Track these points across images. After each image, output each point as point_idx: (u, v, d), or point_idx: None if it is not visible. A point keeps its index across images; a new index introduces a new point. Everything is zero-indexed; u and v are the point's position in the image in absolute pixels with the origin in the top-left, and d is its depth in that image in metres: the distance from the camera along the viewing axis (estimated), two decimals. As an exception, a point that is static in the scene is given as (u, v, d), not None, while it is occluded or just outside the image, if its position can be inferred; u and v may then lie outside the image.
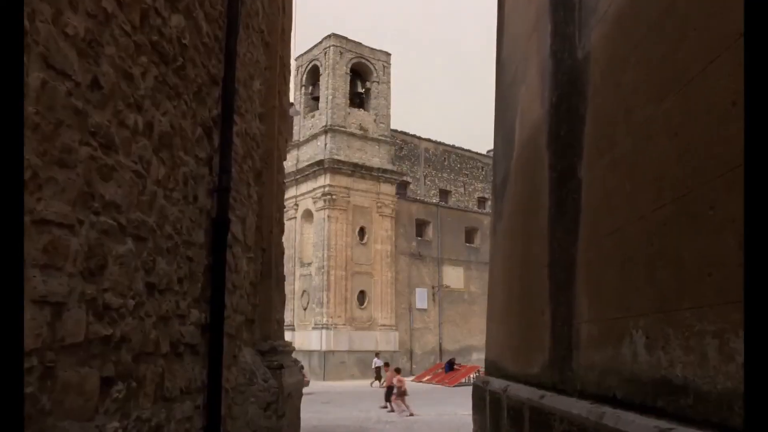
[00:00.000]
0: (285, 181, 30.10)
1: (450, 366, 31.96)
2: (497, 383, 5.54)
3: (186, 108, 3.70)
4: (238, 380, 4.73)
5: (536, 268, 4.68)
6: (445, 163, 52.24)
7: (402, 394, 18.46)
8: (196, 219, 3.90)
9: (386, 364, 22.73)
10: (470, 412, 17.72)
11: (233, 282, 4.73)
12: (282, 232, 6.45)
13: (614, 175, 3.19)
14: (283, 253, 6.39)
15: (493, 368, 6.20)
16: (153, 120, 3.13)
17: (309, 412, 18.48)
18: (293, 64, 42.02)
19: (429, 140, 51.19)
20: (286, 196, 33.91)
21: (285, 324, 25.67)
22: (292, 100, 41.54)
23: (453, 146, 53.34)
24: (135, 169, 2.97)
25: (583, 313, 3.51)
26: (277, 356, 5.50)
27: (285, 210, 33.16)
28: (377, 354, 30.68)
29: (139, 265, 2.99)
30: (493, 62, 7.27)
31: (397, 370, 20.76)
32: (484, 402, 5.97)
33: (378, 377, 28.34)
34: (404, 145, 48.55)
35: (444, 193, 50.27)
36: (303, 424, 15.79)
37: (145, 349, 3.06)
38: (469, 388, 22.70)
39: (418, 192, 46.86)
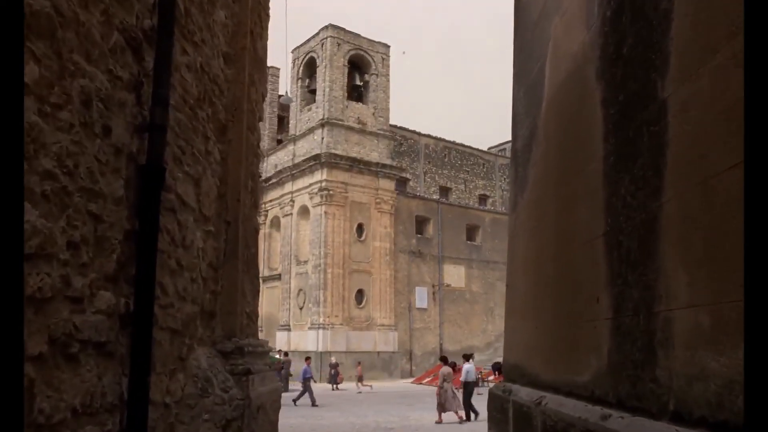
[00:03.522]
0: (282, 176, 28.68)
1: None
2: (525, 393, 4.36)
3: (92, -2, 2.53)
4: (186, 391, 3.54)
5: (582, 243, 3.51)
6: (446, 160, 51.08)
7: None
8: (108, 161, 2.71)
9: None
10: (472, 415, 16.54)
11: (178, 259, 3.54)
12: (256, 206, 5.26)
13: (733, 78, 2.02)
14: (256, 230, 5.21)
15: (515, 373, 5.01)
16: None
17: (302, 417, 17.29)
18: (289, 56, 40.94)
19: (429, 136, 50.05)
20: (281, 192, 32.75)
21: (280, 324, 23.97)
22: (288, 92, 40.38)
23: (454, 142, 52.19)
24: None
25: (678, 294, 2.34)
26: (244, 358, 4.31)
27: (281, 206, 31.94)
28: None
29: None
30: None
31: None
32: (505, 415, 4.79)
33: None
34: (404, 140, 47.39)
35: (444, 190, 49.09)
36: (293, 431, 14.61)
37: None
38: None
39: (418, 189, 45.67)
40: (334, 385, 28.64)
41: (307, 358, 23.98)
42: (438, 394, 15.01)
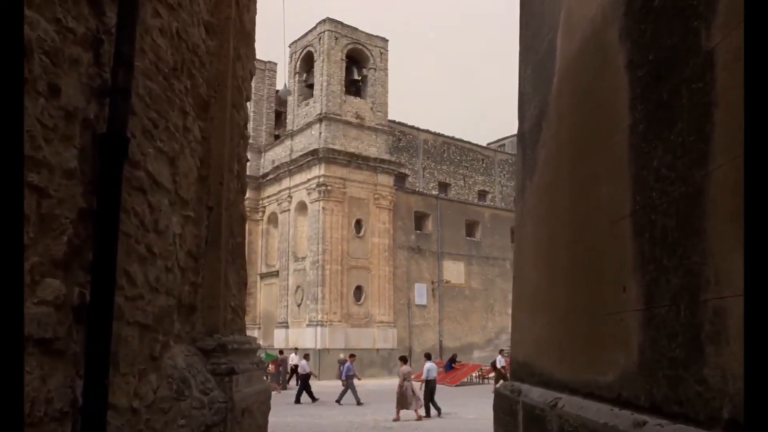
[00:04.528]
0: (279, 171, 28.37)
1: (450, 364, 30.38)
2: (537, 394, 3.97)
3: None
4: (160, 393, 3.14)
5: (604, 226, 3.12)
6: (445, 156, 50.64)
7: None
8: (56, 126, 2.30)
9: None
10: (476, 416, 16.16)
11: (149, 245, 3.14)
12: (243, 191, 4.86)
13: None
14: (243, 218, 4.80)
15: (524, 372, 4.62)
16: None
17: (299, 416, 16.91)
18: (286, 51, 40.46)
19: (428, 131, 49.60)
20: (278, 188, 32.36)
21: (278, 321, 23.74)
22: (285, 85, 39.91)
23: (453, 138, 51.75)
24: None
25: (732, 279, 1.94)
26: (227, 357, 3.91)
27: (279, 202, 31.53)
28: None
29: None
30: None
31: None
32: (514, 418, 4.39)
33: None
34: (402, 136, 46.95)
35: (443, 186, 48.65)
36: (290, 430, 14.21)
37: None
38: (472, 388, 21.24)
39: (417, 185, 45.25)
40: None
41: (352, 356, 23.08)
42: (398, 392, 15.38)
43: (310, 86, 37.45)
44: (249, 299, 39.84)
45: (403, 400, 15.19)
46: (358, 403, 19.10)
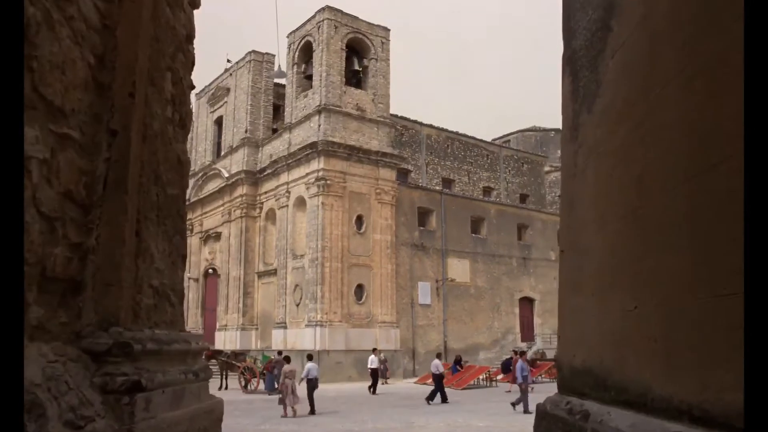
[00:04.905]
0: (277, 166, 27.57)
1: (456, 365, 28.94)
2: (623, 421, 2.53)
3: None
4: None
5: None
6: (448, 151, 49.31)
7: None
8: None
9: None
10: (487, 422, 14.72)
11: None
12: (184, 125, 3.43)
13: None
14: (183, 164, 3.37)
15: (585, 382, 3.18)
16: None
17: (294, 424, 15.42)
18: (284, 41, 39.06)
19: (431, 126, 48.28)
20: (276, 183, 31.11)
21: (276, 322, 23.30)
22: (283, 80, 38.55)
23: (456, 133, 50.42)
24: None
25: None
26: (135, 363, 2.48)
27: (276, 198, 30.20)
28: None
29: None
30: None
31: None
32: (574, 452, 2.95)
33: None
34: (405, 131, 45.60)
35: (447, 182, 47.27)
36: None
37: None
38: (479, 392, 19.80)
39: (420, 181, 43.85)
40: (384, 380, 27.71)
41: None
42: (280, 390, 16.96)
43: (309, 77, 36.09)
44: (246, 299, 38.55)
45: (284, 398, 16.57)
46: (444, 400, 19.97)
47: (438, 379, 21.30)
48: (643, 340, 2.56)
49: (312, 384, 17.62)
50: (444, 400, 20.35)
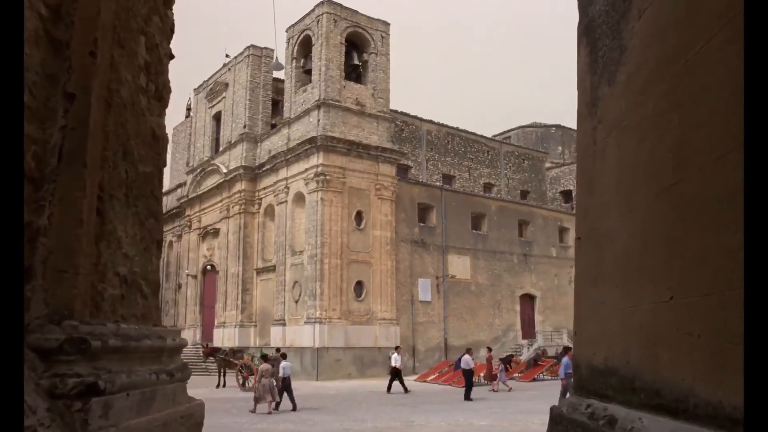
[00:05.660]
0: (275, 161, 27.76)
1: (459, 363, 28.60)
2: (659, 428, 2.19)
3: None
4: None
5: None
6: (449, 147, 48.99)
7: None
8: None
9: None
10: (489, 421, 14.38)
11: None
12: (161, 98, 3.09)
13: None
14: (159, 140, 3.03)
15: (611, 384, 2.84)
16: None
17: (291, 423, 15.09)
18: (283, 36, 38.65)
19: (431, 122, 47.96)
20: (275, 178, 30.84)
21: (275, 319, 23.50)
22: (282, 75, 38.16)
23: (457, 129, 50.08)
24: None
25: None
26: (93, 362, 2.14)
27: (275, 194, 29.92)
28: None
29: None
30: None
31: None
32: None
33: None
34: (405, 126, 45.27)
35: (447, 178, 46.94)
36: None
37: None
38: (482, 389, 19.50)
39: (420, 177, 43.50)
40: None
41: (568, 349, 22.77)
42: (255, 388, 17.48)
43: (308, 72, 35.70)
44: (245, 296, 38.19)
45: (259, 396, 17.08)
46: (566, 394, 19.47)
47: (468, 375, 21.54)
48: (682, 336, 2.22)
49: (286, 382, 18.18)
50: (467, 396, 20.62)
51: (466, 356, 22.75)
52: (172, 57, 3.34)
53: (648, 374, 2.48)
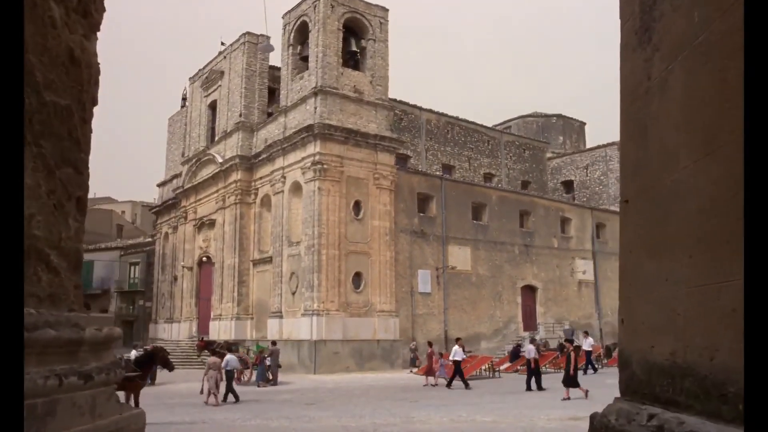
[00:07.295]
0: (272, 150, 27.28)
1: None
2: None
3: None
4: None
5: None
6: (449, 137, 48.21)
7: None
8: None
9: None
10: (493, 417, 13.69)
11: None
12: (93, 14, 2.37)
13: None
14: (69, 55, 2.30)
15: (683, 388, 2.13)
16: None
17: (288, 418, 14.37)
18: (280, 22, 37.74)
19: (431, 111, 47.16)
20: (271, 168, 30.13)
21: (272, 311, 22.86)
22: (278, 63, 37.29)
23: (457, 118, 49.26)
24: None
25: None
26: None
27: (272, 183, 29.22)
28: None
29: None
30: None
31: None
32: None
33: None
34: (404, 115, 44.47)
35: (447, 168, 46.21)
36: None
37: None
38: (483, 382, 18.79)
39: (419, 166, 42.74)
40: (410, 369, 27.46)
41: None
42: (204, 380, 18.05)
43: (305, 59, 34.85)
44: (241, 288, 37.45)
45: (209, 388, 17.73)
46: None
47: (457, 365, 22.33)
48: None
49: (230, 375, 19.02)
50: (448, 384, 21.93)
51: (456, 347, 22.90)
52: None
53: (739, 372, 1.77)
